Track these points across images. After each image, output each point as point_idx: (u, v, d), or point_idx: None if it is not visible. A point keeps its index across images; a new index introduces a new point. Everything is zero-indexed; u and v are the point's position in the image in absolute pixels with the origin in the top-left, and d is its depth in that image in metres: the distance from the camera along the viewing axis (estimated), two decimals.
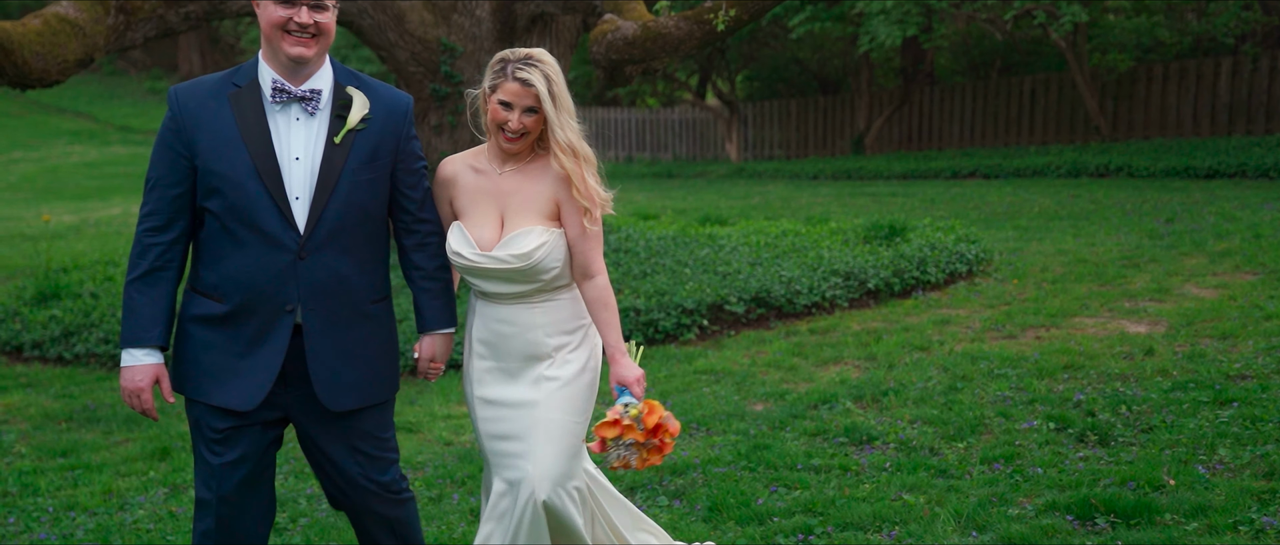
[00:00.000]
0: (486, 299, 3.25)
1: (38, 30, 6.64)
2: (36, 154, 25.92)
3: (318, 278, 3.05)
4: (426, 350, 3.28)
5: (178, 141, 3.01)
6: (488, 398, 3.25)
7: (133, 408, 3.10)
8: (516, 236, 3.14)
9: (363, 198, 3.08)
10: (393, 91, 3.17)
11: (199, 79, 3.12)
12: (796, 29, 18.71)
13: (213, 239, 3.05)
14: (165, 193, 3.02)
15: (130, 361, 3.06)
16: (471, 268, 3.18)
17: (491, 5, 8.34)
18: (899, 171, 17.62)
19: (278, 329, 3.05)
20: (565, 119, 3.13)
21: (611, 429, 3.09)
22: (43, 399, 6.70)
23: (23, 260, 11.55)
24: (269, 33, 3.00)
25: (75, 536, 4.40)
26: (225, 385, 3.06)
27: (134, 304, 3.04)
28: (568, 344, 3.25)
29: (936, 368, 6.03)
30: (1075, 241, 9.64)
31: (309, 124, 3.05)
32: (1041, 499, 4.04)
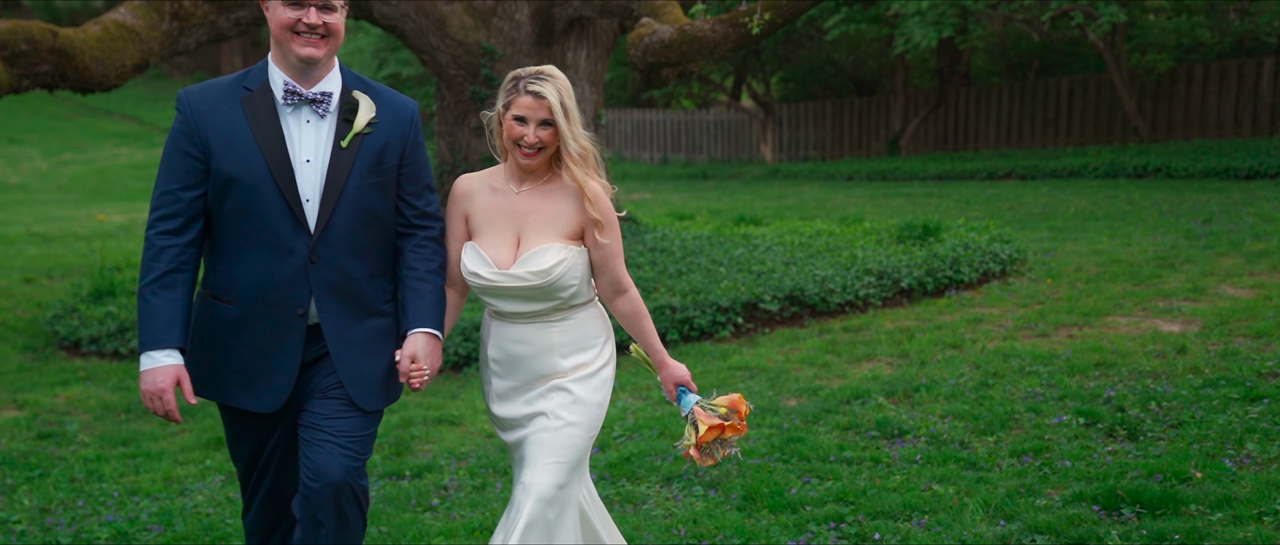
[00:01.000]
0: (502, 319, 3.23)
1: (98, 37, 6.90)
2: (85, 156, 26.50)
3: (329, 279, 3.06)
4: (408, 348, 3.11)
5: (190, 144, 3.01)
6: (503, 416, 3.26)
7: (154, 410, 3.04)
8: (535, 254, 3.13)
9: (370, 201, 3.09)
10: (398, 97, 3.19)
11: (207, 83, 3.11)
12: (832, 30, 18.77)
13: (225, 241, 3.06)
14: (179, 195, 3.01)
15: (150, 364, 3.01)
16: (490, 287, 3.16)
17: (531, 9, 8.52)
18: (934, 172, 17.63)
19: (291, 331, 3.06)
20: (577, 131, 3.14)
21: (712, 434, 3.15)
22: (102, 391, 6.95)
23: (77, 259, 11.89)
24: (278, 34, 3.02)
25: (140, 519, 4.62)
26: (247, 388, 3.08)
27: (151, 307, 3.00)
28: (584, 362, 3.23)
29: (968, 365, 6.13)
30: (1111, 242, 9.67)
31: (319, 126, 3.07)
32: (1069, 490, 4.15)
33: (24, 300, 9.87)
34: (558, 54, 8.72)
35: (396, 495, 4.80)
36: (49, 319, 8.69)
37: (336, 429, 3.08)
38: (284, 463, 3.24)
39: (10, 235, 14.19)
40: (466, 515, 4.51)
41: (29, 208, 18.49)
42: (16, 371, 7.57)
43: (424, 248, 3.20)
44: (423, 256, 3.19)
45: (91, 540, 4.41)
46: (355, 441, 3.11)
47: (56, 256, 12.24)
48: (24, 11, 39.24)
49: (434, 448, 5.55)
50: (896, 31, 18.19)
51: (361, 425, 3.14)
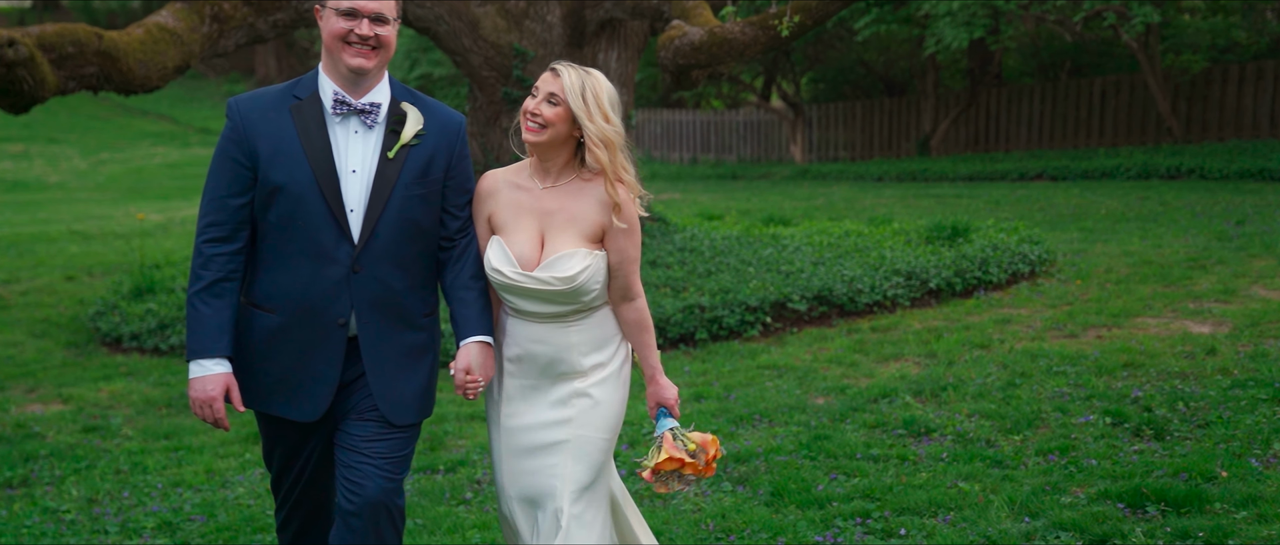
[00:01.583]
0: (521, 317, 3.21)
1: (140, 39, 7.06)
2: (123, 155, 26.91)
3: (371, 291, 3.06)
4: (462, 360, 3.15)
5: (239, 152, 3.03)
6: (514, 422, 3.21)
7: (203, 418, 3.08)
8: (560, 259, 3.11)
9: (415, 213, 3.09)
10: (446, 110, 3.20)
11: (259, 91, 3.14)
12: (862, 31, 18.76)
13: (268, 250, 3.07)
14: (227, 203, 3.03)
15: (200, 372, 3.04)
16: (511, 286, 3.14)
17: (562, 11, 8.62)
18: (964, 173, 17.59)
19: (331, 341, 3.07)
20: (597, 118, 3.08)
21: (672, 463, 3.11)
22: (143, 386, 7.12)
23: (116, 257, 12.12)
24: (330, 44, 3.03)
25: (184, 510, 4.75)
26: (287, 397, 3.10)
27: (201, 315, 3.03)
28: (601, 361, 3.22)
29: (996, 365, 6.16)
30: (1142, 243, 9.64)
31: (366, 137, 3.08)
32: (1094, 488, 4.19)
33: (66, 297, 10.08)
34: (589, 55, 8.81)
35: (431, 489, 4.91)
36: (91, 315, 8.87)
37: (374, 450, 3.10)
38: (318, 473, 3.26)
39: (51, 233, 14.46)
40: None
41: (68, 206, 18.83)
42: (61, 366, 7.76)
43: (467, 257, 3.20)
44: (466, 265, 3.20)
45: (138, 529, 4.55)
46: (392, 462, 3.13)
47: (97, 254, 12.48)
48: (64, 12, 39.90)
49: (467, 443, 5.66)
50: (927, 32, 18.15)
51: (398, 445, 3.15)
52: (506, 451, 3.21)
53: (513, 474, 3.20)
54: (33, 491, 5.14)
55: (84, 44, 6.67)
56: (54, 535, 4.51)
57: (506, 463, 3.22)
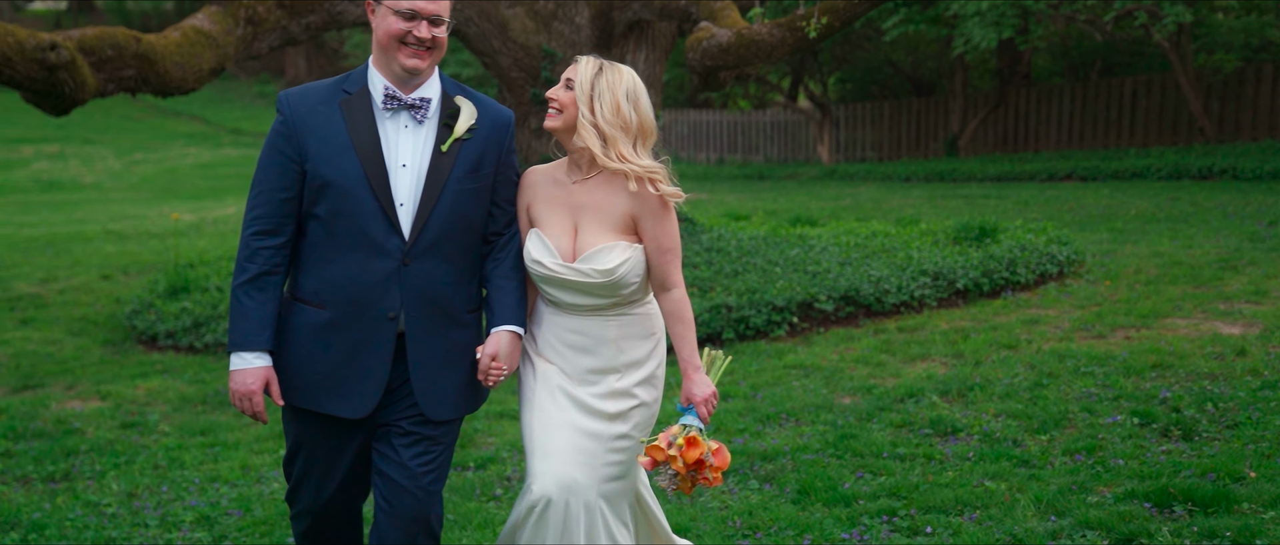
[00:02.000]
0: (557, 308, 3.23)
1: (177, 42, 7.19)
2: (155, 156, 27.25)
3: (420, 285, 3.07)
4: (491, 346, 3.14)
5: (288, 146, 3.03)
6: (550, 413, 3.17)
7: (242, 410, 3.09)
8: (600, 251, 3.13)
9: (466, 207, 3.11)
10: (496, 105, 3.21)
11: (309, 85, 3.14)
12: (890, 32, 18.72)
13: (317, 245, 3.07)
14: (274, 197, 3.03)
15: (241, 365, 3.05)
16: (552, 277, 3.16)
17: (590, 13, 8.69)
18: (993, 173, 17.52)
19: (381, 336, 3.06)
20: (600, 105, 3.09)
21: (657, 452, 3.07)
22: (179, 384, 7.24)
23: (151, 256, 12.30)
24: (386, 43, 3.03)
25: (221, 504, 4.85)
26: (334, 393, 3.07)
27: (244, 307, 3.04)
28: (638, 359, 3.23)
29: (1023, 365, 6.17)
30: (1172, 244, 9.59)
31: (417, 132, 3.08)
32: (1121, 488, 4.20)
33: (103, 296, 10.25)
34: (617, 56, 8.88)
35: (462, 485, 4.98)
36: (127, 314, 9.02)
37: (416, 464, 3.11)
38: (347, 481, 3.22)
39: (87, 233, 14.69)
40: None
41: (103, 206, 19.11)
42: (99, 364, 7.90)
43: (510, 248, 3.23)
44: (508, 256, 3.22)
45: (177, 523, 4.65)
46: (432, 475, 3.15)
47: (132, 254, 12.67)
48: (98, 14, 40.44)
49: (496, 440, 5.73)
50: (955, 32, 18.08)
51: (438, 454, 3.16)
52: (541, 441, 3.15)
53: (546, 461, 3.13)
54: (74, 485, 5.26)
55: (123, 47, 6.80)
56: (96, 528, 4.61)
57: (540, 452, 3.14)
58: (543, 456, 3.13)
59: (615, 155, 3.11)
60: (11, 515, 4.74)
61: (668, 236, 3.17)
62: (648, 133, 3.17)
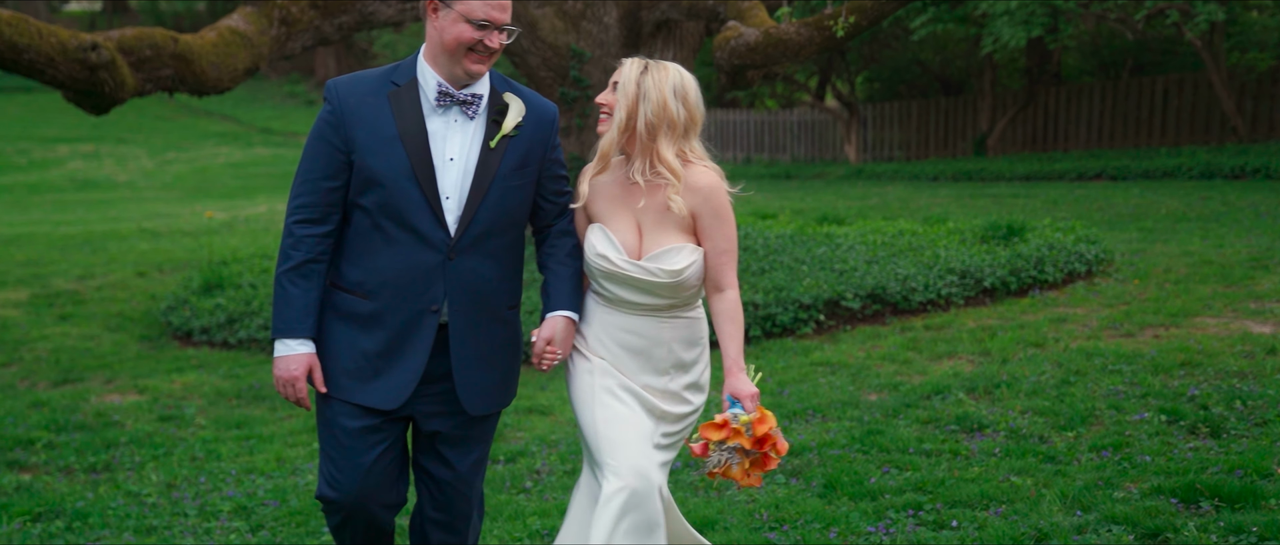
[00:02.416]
0: (613, 306, 3.22)
1: (213, 42, 7.32)
2: (187, 155, 27.58)
3: (464, 279, 3.08)
4: (546, 330, 3.18)
5: (336, 135, 3.03)
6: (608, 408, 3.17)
7: (285, 397, 3.12)
8: (668, 252, 3.13)
9: (511, 203, 3.13)
10: (542, 100, 3.22)
11: (357, 74, 3.13)
12: (918, 30, 18.68)
13: (361, 236, 3.07)
14: (320, 185, 3.04)
15: (285, 351, 3.07)
16: (616, 274, 3.15)
17: (619, 13, 8.75)
18: (1022, 173, 17.44)
19: (422, 328, 3.07)
20: (646, 102, 3.09)
21: (718, 431, 3.03)
22: (214, 378, 7.37)
23: (184, 253, 12.48)
24: (452, 48, 3.01)
25: (257, 495, 4.96)
26: (368, 384, 3.08)
27: (288, 295, 3.05)
28: (688, 361, 3.24)
29: (1050, 363, 6.18)
30: (1203, 243, 9.54)
31: (466, 127, 3.09)
32: (1147, 484, 4.22)
33: (138, 292, 10.42)
34: (644, 56, 8.92)
35: (492, 478, 5.06)
36: (163, 310, 9.18)
37: (457, 458, 3.23)
38: (383, 471, 3.18)
39: (122, 231, 14.91)
40: (558, 497, 4.75)
41: (137, 205, 19.38)
42: (136, 359, 8.04)
43: (565, 236, 3.27)
44: (564, 244, 3.26)
45: (215, 513, 4.75)
46: (473, 467, 3.27)
47: (165, 251, 12.86)
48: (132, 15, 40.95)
49: (526, 435, 5.81)
50: (984, 31, 18.02)
51: (478, 449, 3.26)
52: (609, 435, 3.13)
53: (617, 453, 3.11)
54: (115, 476, 5.38)
55: (160, 47, 6.93)
56: (137, 516, 4.73)
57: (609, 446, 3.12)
58: (613, 450, 3.10)
59: (660, 158, 3.12)
60: (56, 504, 4.86)
61: (726, 237, 3.17)
62: (697, 123, 3.18)
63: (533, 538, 4.32)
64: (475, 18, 2.99)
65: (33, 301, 10.02)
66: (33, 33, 6.06)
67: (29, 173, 24.82)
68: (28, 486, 5.20)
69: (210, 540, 4.45)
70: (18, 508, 4.81)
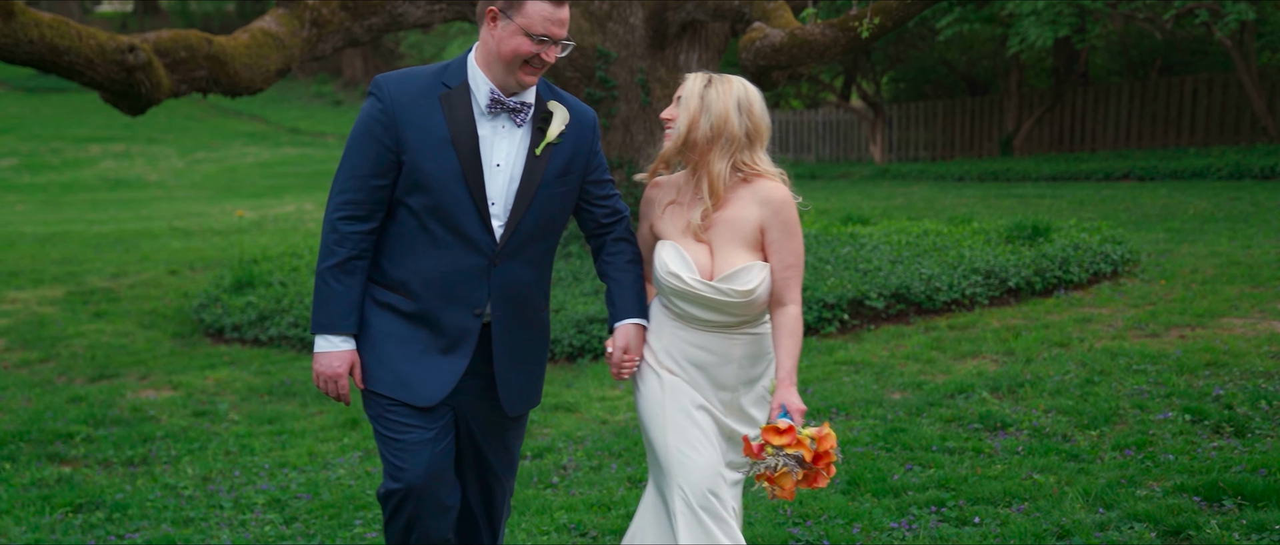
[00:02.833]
0: (685, 322, 3.21)
1: (246, 44, 7.44)
2: (217, 154, 27.89)
3: (506, 284, 3.11)
4: (620, 340, 3.20)
5: (386, 134, 3.01)
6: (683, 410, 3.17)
7: (327, 393, 3.12)
8: (741, 272, 3.13)
9: (554, 209, 3.14)
10: (581, 106, 3.22)
11: (406, 73, 3.10)
12: (944, 31, 18.64)
13: (406, 235, 3.08)
14: (366, 183, 3.02)
15: (326, 347, 3.08)
16: (689, 293, 3.14)
17: (645, 13, 8.82)
18: (1048, 173, 17.38)
19: (466, 331, 3.10)
20: (708, 123, 3.10)
21: (780, 436, 2.98)
22: (246, 375, 7.50)
23: (215, 252, 12.66)
24: (507, 58, 3.00)
25: (290, 488, 5.06)
26: (408, 381, 3.09)
27: (331, 291, 3.05)
28: (755, 376, 3.25)
29: (1075, 363, 6.19)
30: (1231, 244, 9.50)
31: (513, 134, 3.09)
32: (1170, 482, 4.25)
33: (171, 290, 10.58)
34: (670, 57, 9.00)
35: (520, 473, 5.14)
36: (195, 308, 9.32)
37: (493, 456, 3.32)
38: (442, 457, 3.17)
39: (154, 230, 15.13)
40: (585, 492, 4.82)
41: (168, 204, 19.63)
42: (169, 356, 8.19)
43: (622, 242, 3.28)
44: (621, 250, 3.28)
45: (250, 505, 4.86)
46: (506, 465, 3.36)
47: (197, 250, 13.04)
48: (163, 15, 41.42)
49: (552, 432, 5.88)
50: (1010, 31, 17.96)
51: (513, 447, 3.34)
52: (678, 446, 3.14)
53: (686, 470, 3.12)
54: (152, 469, 5.50)
55: (195, 49, 7.06)
56: (175, 508, 4.84)
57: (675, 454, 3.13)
58: (685, 470, 3.10)
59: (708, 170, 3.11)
60: (96, 496, 4.98)
61: (793, 252, 3.16)
62: (762, 135, 3.18)
63: (560, 531, 4.40)
64: (535, 32, 2.99)
65: (68, 299, 10.20)
66: (73, 35, 6.19)
67: (62, 172, 25.19)
68: (68, 478, 5.33)
69: (246, 533, 4.55)
70: (60, 499, 4.94)
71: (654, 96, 8.97)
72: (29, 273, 11.35)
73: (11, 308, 9.81)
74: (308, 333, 8.26)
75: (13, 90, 35.53)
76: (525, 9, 2.98)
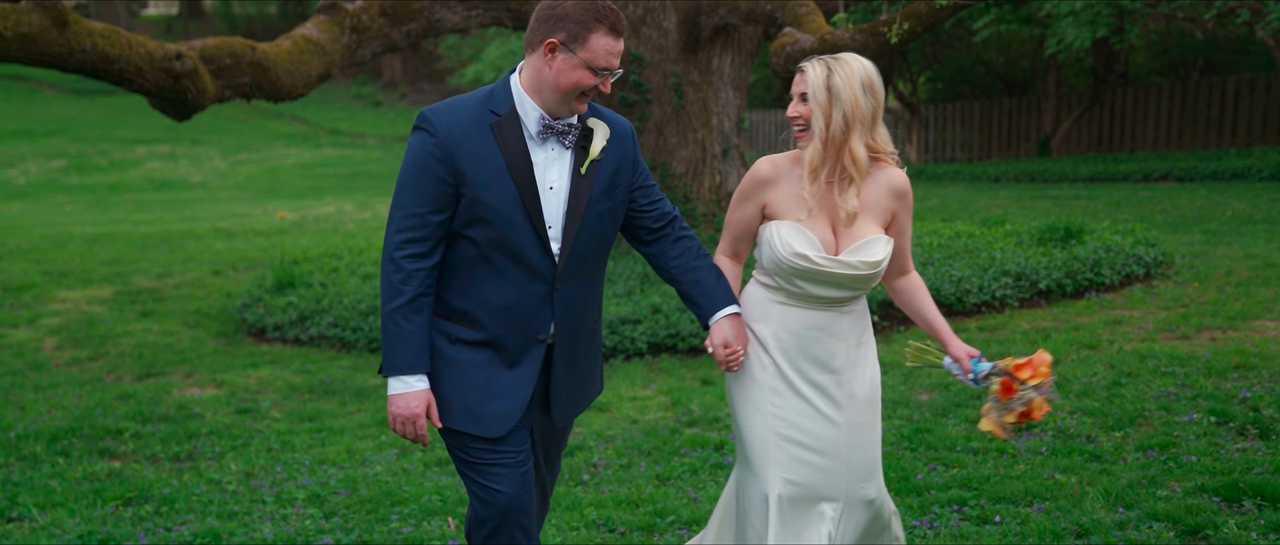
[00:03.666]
0: (799, 303, 3.18)
1: (288, 50, 7.64)
2: (258, 156, 28.34)
3: (567, 305, 3.11)
4: (719, 335, 3.19)
5: (442, 168, 2.98)
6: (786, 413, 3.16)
7: (405, 435, 3.07)
8: (868, 244, 3.12)
9: (604, 226, 3.14)
10: (616, 117, 3.21)
11: (453, 104, 3.07)
12: (981, 31, 18.57)
13: (466, 266, 3.06)
14: (428, 218, 2.99)
15: (402, 388, 3.03)
16: (813, 272, 3.11)
17: (678, 18, 8.93)
18: (1085, 174, 17.27)
19: (530, 356, 3.10)
20: (839, 113, 3.05)
21: (1025, 370, 3.07)
22: (287, 373, 7.69)
23: (257, 253, 12.92)
24: (564, 88, 2.99)
25: (329, 483, 5.22)
26: (479, 413, 3.08)
27: (402, 331, 3.00)
28: (859, 355, 3.24)
29: (1103, 365, 6.22)
30: (1267, 245, 9.44)
31: (562, 156, 3.08)
32: (1191, 482, 4.29)
33: (214, 290, 10.84)
34: (703, 60, 9.10)
35: None
36: (237, 308, 9.55)
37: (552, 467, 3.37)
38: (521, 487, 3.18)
39: (198, 231, 15.45)
40: (614, 489, 4.94)
41: (211, 205, 20.02)
42: (213, 355, 8.41)
43: (683, 240, 3.27)
44: (686, 247, 3.27)
45: (291, 500, 5.03)
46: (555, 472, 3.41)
47: (239, 250, 13.31)
48: (207, 18, 42.11)
49: (583, 430, 6.01)
50: (1048, 32, 17.85)
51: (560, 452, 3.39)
52: (778, 439, 3.13)
53: (784, 464, 3.11)
54: (197, 464, 5.69)
55: (239, 56, 7.27)
56: (219, 502, 5.02)
57: (777, 452, 3.12)
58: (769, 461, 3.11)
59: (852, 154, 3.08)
60: (145, 490, 5.18)
61: (909, 221, 3.25)
62: (881, 108, 3.13)
63: (589, 527, 4.52)
64: (598, 66, 2.98)
65: (116, 298, 10.48)
66: (123, 44, 6.41)
67: (109, 173, 25.72)
68: (118, 473, 5.54)
69: (287, 526, 4.71)
70: (110, 493, 5.14)
71: (687, 100, 9.07)
72: (78, 273, 11.67)
73: (62, 307, 10.10)
74: (346, 332, 8.46)
75: (62, 93, 36.31)
76: (590, 44, 2.96)
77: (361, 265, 10.32)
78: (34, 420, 6.49)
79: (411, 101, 36.53)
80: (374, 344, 8.26)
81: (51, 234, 15.19)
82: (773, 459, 3.12)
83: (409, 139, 3.07)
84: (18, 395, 7.17)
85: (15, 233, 15.36)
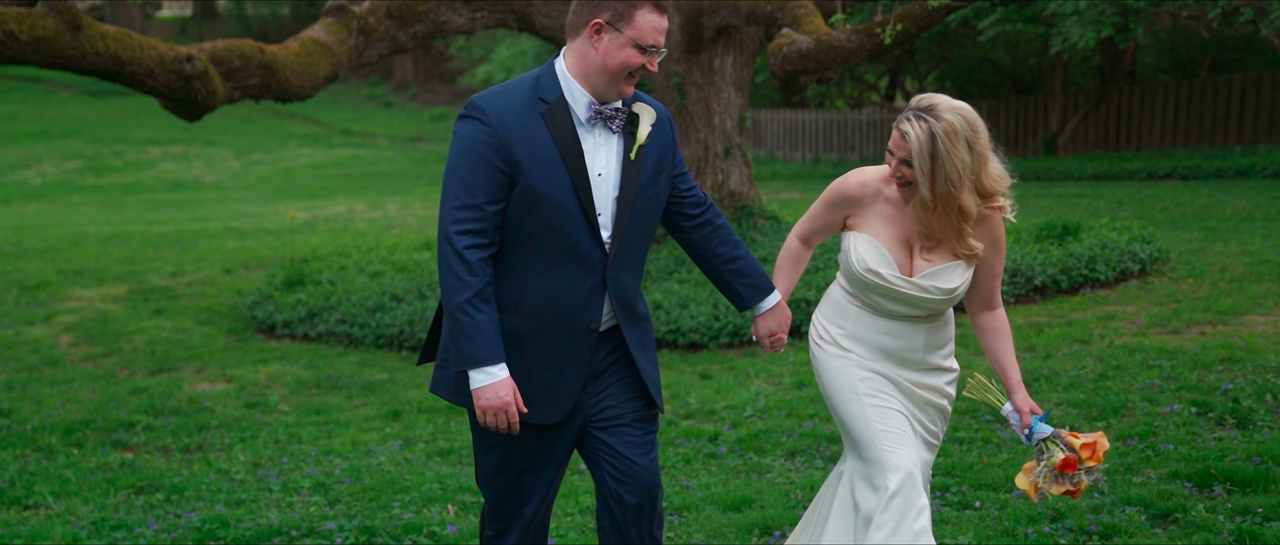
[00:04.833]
0: (872, 311, 3.25)
1: (296, 52, 7.82)
2: (271, 156, 28.57)
3: (617, 292, 3.08)
4: (764, 326, 3.24)
5: (498, 157, 2.94)
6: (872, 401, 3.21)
7: (497, 426, 2.99)
8: (944, 271, 3.15)
9: (652, 213, 3.13)
10: (655, 102, 3.17)
11: (500, 91, 3.04)
12: (987, 31, 18.64)
13: (519, 256, 3.02)
14: (485, 209, 2.95)
15: (487, 380, 2.96)
16: (888, 290, 3.16)
17: (681, 19, 9.07)
18: (1090, 172, 17.35)
19: (580, 345, 3.07)
20: (946, 178, 3.04)
21: (1088, 451, 3.12)
22: (295, 369, 7.87)
23: (268, 252, 13.12)
24: (615, 70, 2.96)
25: (334, 473, 5.39)
26: (531, 401, 3.04)
27: (477, 323, 2.94)
28: (942, 363, 3.29)
29: (1093, 359, 6.34)
30: (1264, 243, 9.53)
31: (609, 142, 3.06)
32: (1166, 469, 4.42)
33: (226, 288, 11.03)
34: (706, 61, 9.25)
35: None
36: (248, 305, 9.73)
37: (644, 440, 3.14)
38: (554, 482, 3.21)
39: (210, 230, 15.66)
40: None
41: (223, 204, 20.24)
42: (223, 350, 8.60)
43: (720, 229, 3.28)
44: (726, 235, 3.28)
45: (297, 488, 5.19)
46: (654, 445, 3.19)
47: (251, 249, 13.51)
48: (220, 20, 42.43)
49: None
50: (1053, 31, 17.93)
51: (653, 429, 3.20)
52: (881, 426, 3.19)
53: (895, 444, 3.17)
54: (207, 455, 5.87)
55: (248, 58, 7.44)
56: (227, 491, 5.19)
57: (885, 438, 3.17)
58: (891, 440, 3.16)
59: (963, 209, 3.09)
60: (156, 479, 5.36)
61: (1000, 262, 3.26)
62: (987, 150, 3.12)
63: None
64: (646, 43, 2.96)
65: (130, 296, 10.69)
66: (135, 46, 6.59)
67: (124, 174, 26.00)
68: (131, 463, 5.71)
69: (292, 513, 4.88)
70: (123, 482, 5.32)
71: (689, 99, 9.22)
72: (93, 272, 11.88)
73: (77, 305, 10.31)
74: (354, 329, 8.63)
75: (77, 94, 36.67)
76: (636, 21, 2.94)
77: (369, 263, 10.50)
78: (49, 413, 6.68)
79: (422, 102, 36.76)
80: (381, 340, 8.43)
81: (67, 234, 15.43)
82: (886, 451, 3.16)
83: (456, 128, 3.02)
84: (34, 390, 7.37)
85: (32, 232, 15.60)
